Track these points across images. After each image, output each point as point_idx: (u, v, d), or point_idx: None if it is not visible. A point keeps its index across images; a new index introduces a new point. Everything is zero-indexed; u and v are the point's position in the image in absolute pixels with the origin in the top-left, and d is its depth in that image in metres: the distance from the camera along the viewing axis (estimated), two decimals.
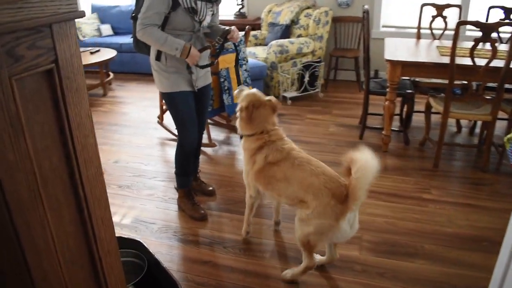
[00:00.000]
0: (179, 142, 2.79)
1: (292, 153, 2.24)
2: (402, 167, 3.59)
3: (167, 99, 2.68)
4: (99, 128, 4.51)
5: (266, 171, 2.28)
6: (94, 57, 5.52)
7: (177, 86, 2.60)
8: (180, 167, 2.88)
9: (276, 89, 5.36)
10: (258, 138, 2.32)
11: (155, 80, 2.67)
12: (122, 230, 2.76)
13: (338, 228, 2.02)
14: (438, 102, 3.59)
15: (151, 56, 2.63)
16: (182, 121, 2.70)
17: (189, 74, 2.61)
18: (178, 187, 2.96)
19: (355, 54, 5.59)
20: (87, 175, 0.99)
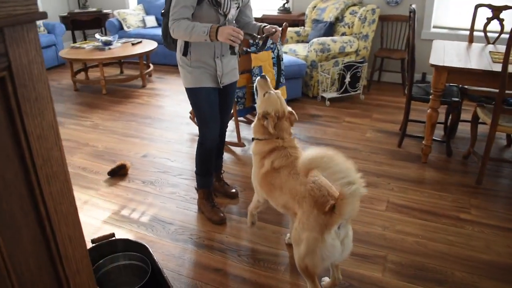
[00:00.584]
0: (200, 140, 2.71)
1: (296, 161, 2.12)
2: (441, 181, 3.33)
3: (189, 95, 2.61)
4: (132, 120, 4.52)
5: (269, 177, 2.19)
6: (135, 49, 5.55)
7: (200, 82, 2.52)
8: (201, 167, 2.80)
9: (315, 88, 5.18)
10: (271, 141, 2.24)
11: (181, 75, 2.61)
12: (138, 228, 2.72)
13: (323, 243, 1.83)
14: (486, 113, 3.30)
15: (177, 51, 2.57)
16: (203, 118, 2.62)
17: (214, 70, 2.52)
18: (198, 187, 2.87)
19: (402, 56, 5.30)
20: (50, 191, 0.91)
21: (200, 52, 2.46)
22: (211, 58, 2.50)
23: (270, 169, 2.19)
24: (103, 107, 4.95)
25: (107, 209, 2.92)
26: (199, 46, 2.44)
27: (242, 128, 4.23)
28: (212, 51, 2.48)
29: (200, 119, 2.64)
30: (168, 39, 2.60)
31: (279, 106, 2.24)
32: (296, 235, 1.95)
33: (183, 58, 2.51)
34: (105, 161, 3.60)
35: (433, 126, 3.49)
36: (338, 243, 1.86)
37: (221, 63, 2.55)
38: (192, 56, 2.47)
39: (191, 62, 2.49)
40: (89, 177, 3.35)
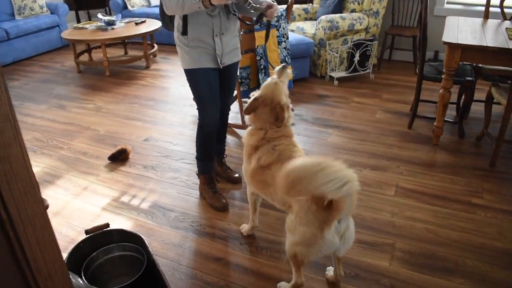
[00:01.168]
0: (199, 123, 2.61)
1: (284, 154, 2.00)
2: (453, 164, 3.20)
3: (188, 76, 2.48)
4: (135, 102, 4.43)
5: (258, 175, 2.08)
6: (139, 28, 5.42)
7: (199, 62, 2.39)
8: (201, 151, 2.71)
9: (323, 68, 5.02)
10: (255, 132, 2.13)
11: (179, 56, 2.48)
12: (138, 215, 2.64)
13: (323, 239, 1.72)
14: (501, 93, 3.14)
15: (175, 30, 2.43)
16: (201, 100, 2.51)
17: (213, 49, 2.39)
18: (199, 173, 2.79)
19: (414, 33, 5.09)
20: (10, 191, 0.81)
21: (198, 30, 2.33)
22: (209, 37, 2.36)
23: (258, 168, 2.07)
24: (106, 89, 4.86)
25: (107, 195, 2.85)
26: (198, 24, 2.31)
27: None
28: (210, 29, 2.34)
29: (199, 102, 2.54)
30: (166, 18, 2.49)
31: (271, 93, 2.08)
32: (291, 225, 1.84)
33: (181, 37, 2.37)
34: (106, 145, 3.52)
35: (445, 106, 3.34)
36: (337, 239, 1.76)
37: (221, 42, 2.40)
38: (190, 34, 2.33)
39: (188, 42, 2.35)
40: (89, 162, 3.28)
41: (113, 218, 2.62)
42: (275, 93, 2.08)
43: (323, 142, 3.52)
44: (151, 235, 2.47)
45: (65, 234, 2.47)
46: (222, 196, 2.74)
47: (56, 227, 2.52)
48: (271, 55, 3.57)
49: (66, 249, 2.32)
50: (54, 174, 3.12)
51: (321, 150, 3.39)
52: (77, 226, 2.54)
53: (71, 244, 2.36)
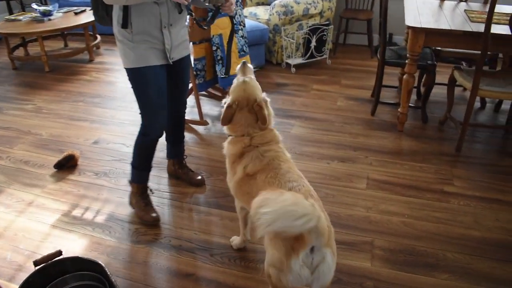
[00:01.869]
0: (143, 130, 2.30)
1: (273, 162, 1.78)
2: (420, 151, 3.13)
3: (132, 77, 2.16)
4: (79, 100, 4.06)
5: (244, 185, 1.84)
6: (79, 18, 5.00)
7: (146, 60, 2.09)
8: (139, 160, 2.41)
9: (279, 55, 4.84)
10: (238, 139, 1.89)
11: (120, 53, 2.14)
12: (94, 231, 2.37)
13: (288, 268, 1.45)
14: (465, 77, 3.09)
15: (114, 24, 2.09)
16: (148, 104, 2.21)
17: (162, 44, 2.11)
18: (133, 181, 2.48)
19: (368, 16, 5.01)
20: None
21: (143, 22, 2.02)
22: (157, 29, 2.06)
23: (243, 176, 1.83)
24: (47, 87, 4.43)
25: (56, 210, 2.54)
26: (143, 14, 2.00)
27: (204, 103, 3.88)
28: (158, 20, 2.04)
29: (145, 107, 2.23)
30: (100, 10, 2.13)
31: (243, 93, 1.85)
32: (266, 242, 1.60)
33: (123, 31, 2.04)
34: (51, 151, 3.18)
35: (409, 92, 3.26)
36: (306, 271, 1.45)
37: (169, 34, 2.12)
38: (134, 27, 2.02)
39: (133, 36, 2.04)
40: (33, 172, 2.93)
41: (65, 236, 2.33)
42: (248, 92, 1.85)
43: (287, 134, 3.36)
44: (110, 254, 2.21)
45: (10, 261, 2.16)
46: (153, 209, 2.46)
47: None
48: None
49: (14, 278, 2.05)
50: None
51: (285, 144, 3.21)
52: (24, 250, 2.23)
53: (18, 272, 2.08)
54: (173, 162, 2.77)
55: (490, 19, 2.63)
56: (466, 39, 2.89)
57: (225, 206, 2.56)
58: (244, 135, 1.87)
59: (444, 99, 3.89)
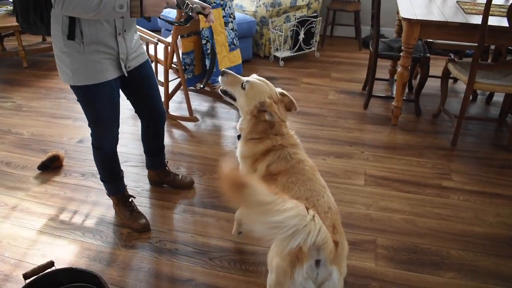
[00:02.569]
0: (97, 144, 2.13)
1: (298, 166, 1.67)
2: (416, 145, 3.09)
3: (82, 94, 1.89)
4: (61, 97, 3.88)
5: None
6: None
7: (101, 74, 1.84)
8: (105, 174, 2.25)
9: (267, 48, 4.74)
10: (266, 139, 1.75)
11: (63, 68, 1.82)
12: (84, 236, 2.24)
13: (292, 280, 1.35)
14: (459, 70, 3.05)
15: (55, 34, 1.76)
16: (101, 121, 2.02)
17: (116, 53, 1.87)
18: (108, 194, 2.35)
19: (356, 8, 4.95)
20: None
21: (97, 30, 1.75)
22: (111, 37, 1.81)
23: (265, 175, 1.71)
24: (26, 83, 4.23)
25: (42, 214, 2.40)
26: (94, 21, 1.73)
27: (193, 99, 3.75)
28: (112, 26, 1.80)
29: (96, 123, 2.03)
30: (31, 16, 1.78)
31: (270, 90, 1.75)
32: (269, 258, 1.52)
33: (69, 42, 1.73)
34: (34, 151, 3.02)
35: (404, 85, 3.21)
36: (311, 284, 1.35)
37: (124, 41, 1.88)
38: (86, 37, 1.73)
39: (83, 47, 1.75)
40: (15, 174, 2.77)
41: (54, 243, 2.20)
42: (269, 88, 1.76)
43: None
44: (102, 260, 2.09)
45: None
46: (141, 214, 2.33)
47: None
48: (218, 38, 3.22)
49: None
50: None
51: None
52: (10, 258, 2.09)
53: (5, 282, 1.95)
54: (157, 173, 2.58)
55: (487, 11, 2.58)
56: (462, 31, 2.85)
57: (221, 206, 2.46)
58: (277, 134, 1.75)
59: (435, 91, 3.87)
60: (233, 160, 1.91)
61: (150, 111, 2.25)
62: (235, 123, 3.39)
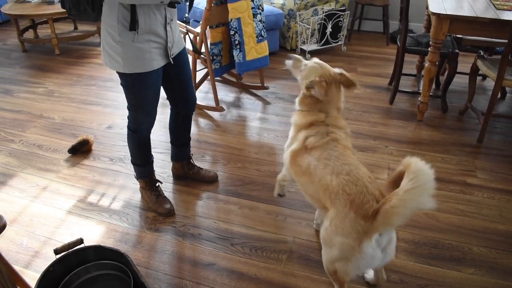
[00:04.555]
0: (133, 127, 2.20)
1: (331, 143, 1.74)
2: (441, 142, 3.06)
3: (130, 81, 1.96)
4: (92, 84, 3.99)
5: (299, 155, 1.81)
6: None
7: (149, 64, 1.92)
8: (138, 156, 2.32)
9: (294, 40, 4.75)
10: (311, 113, 1.85)
11: (114, 57, 1.87)
12: (110, 218, 2.32)
13: (361, 253, 1.49)
14: (489, 67, 3.00)
15: (109, 23, 1.80)
16: (143, 108, 2.10)
17: (165, 42, 1.95)
18: (137, 177, 2.42)
19: (385, 2, 4.90)
20: None
21: (151, 19, 1.83)
22: (161, 26, 1.90)
23: (301, 147, 1.79)
24: (57, 70, 4.37)
25: (71, 195, 2.50)
26: (149, 12, 1.81)
27: (220, 89, 3.80)
28: (163, 16, 1.88)
29: (138, 107, 2.10)
30: (82, 4, 1.82)
31: (322, 71, 1.85)
32: (326, 236, 1.61)
33: (125, 32, 1.80)
34: (64, 135, 3.12)
35: (431, 81, 3.18)
36: (378, 252, 1.50)
37: (171, 30, 1.97)
38: (140, 27, 1.81)
39: (137, 36, 1.83)
40: (46, 156, 2.88)
41: (81, 223, 2.28)
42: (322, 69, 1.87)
43: None
44: (128, 241, 2.16)
45: (26, 246, 2.12)
46: (167, 200, 2.39)
47: (15, 238, 2.17)
48: (246, 29, 3.25)
49: (30, 264, 2.01)
50: (5, 173, 2.71)
51: None
52: (40, 236, 2.19)
53: (35, 258, 2.04)
54: (181, 165, 2.61)
55: None
56: (492, 27, 2.80)
57: (244, 194, 2.51)
58: (322, 111, 1.83)
59: (462, 88, 3.82)
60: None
61: (183, 97, 2.30)
62: (260, 113, 3.44)
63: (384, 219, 1.41)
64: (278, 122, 3.31)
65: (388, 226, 1.45)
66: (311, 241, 2.17)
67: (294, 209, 2.39)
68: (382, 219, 1.42)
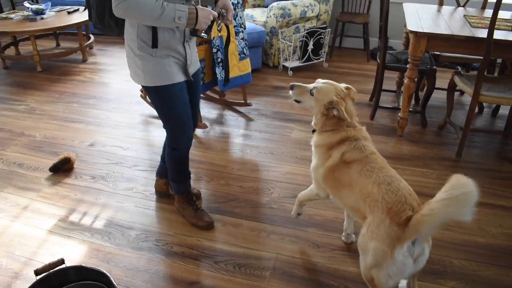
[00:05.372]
0: (173, 145, 2.23)
1: (371, 157, 1.82)
2: (421, 156, 3.12)
3: (156, 94, 2.02)
4: (74, 102, 3.97)
5: (337, 171, 1.86)
6: (72, 18, 4.91)
7: (169, 77, 1.96)
8: (177, 174, 2.36)
9: (276, 57, 4.81)
10: (340, 130, 1.90)
11: (137, 69, 1.96)
12: (93, 237, 2.30)
13: (392, 259, 1.55)
14: (466, 82, 3.09)
15: (130, 38, 1.90)
16: (175, 120, 2.12)
17: (184, 59, 2.00)
18: (175, 193, 2.44)
19: (365, 20, 5.01)
20: None
21: (168, 36, 1.89)
22: (180, 44, 1.95)
23: (339, 162, 1.85)
24: (39, 87, 4.34)
25: (53, 215, 2.47)
26: (167, 28, 1.88)
27: (203, 106, 3.83)
28: (182, 34, 1.94)
29: (173, 123, 2.14)
30: (107, 19, 1.95)
31: (335, 90, 1.90)
32: (363, 242, 1.68)
33: (144, 46, 1.88)
34: (46, 153, 3.10)
35: (410, 97, 3.25)
36: (410, 261, 1.56)
37: (189, 48, 2.03)
38: (160, 43, 1.88)
39: (156, 51, 1.89)
40: (27, 175, 2.85)
41: (63, 243, 2.26)
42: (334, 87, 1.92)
43: (287, 138, 3.32)
44: (111, 260, 2.14)
45: (6, 268, 2.08)
46: (205, 213, 2.42)
47: None
48: (228, 48, 3.29)
49: (10, 286, 1.98)
50: None
51: (285, 148, 3.18)
52: (20, 256, 2.16)
53: (15, 279, 2.01)
54: (165, 182, 2.59)
55: (493, 25, 2.63)
56: (468, 44, 2.89)
57: (227, 211, 2.51)
58: (349, 126, 1.89)
59: (441, 103, 3.91)
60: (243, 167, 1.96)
61: (195, 114, 2.33)
62: (243, 130, 3.46)
63: (414, 226, 1.49)
64: (261, 138, 3.34)
65: (418, 234, 1.51)
66: (295, 257, 2.18)
67: (277, 226, 2.40)
68: (413, 227, 1.49)
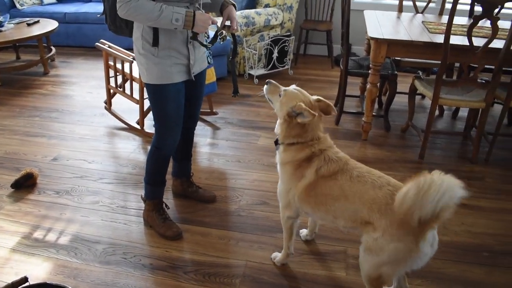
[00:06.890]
0: (157, 144, 2.23)
1: (350, 163, 1.83)
2: (385, 159, 3.20)
3: (153, 92, 2.09)
4: (35, 115, 3.87)
5: (318, 187, 1.82)
6: (32, 30, 4.79)
7: (170, 76, 2.03)
8: (154, 176, 2.34)
9: (241, 66, 4.84)
10: (304, 146, 1.86)
11: (141, 68, 2.06)
12: (58, 254, 2.24)
13: (418, 253, 1.59)
14: (425, 86, 3.19)
15: (137, 37, 2.00)
16: (166, 121, 2.15)
17: (187, 59, 2.04)
18: (147, 198, 2.40)
19: (328, 27, 5.11)
20: None
21: (171, 37, 1.96)
22: (183, 44, 2.00)
23: (317, 179, 1.82)
24: None
25: (15, 232, 2.39)
26: (169, 30, 1.93)
27: None
28: (185, 35, 1.99)
29: (162, 122, 2.17)
30: (118, 21, 2.09)
31: (303, 97, 1.87)
32: (376, 245, 1.65)
33: (147, 46, 1.97)
34: (7, 169, 3.00)
35: (373, 102, 3.33)
36: (430, 249, 1.63)
37: (194, 49, 2.07)
38: (161, 43, 1.95)
39: (158, 51, 1.97)
40: None
41: (27, 261, 2.19)
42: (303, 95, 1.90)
43: (254, 146, 3.34)
44: (77, 276, 2.09)
45: None
46: (173, 223, 2.40)
47: None
48: None
49: None
50: None
51: (252, 155, 3.20)
52: None
53: None
54: (181, 182, 2.66)
55: (449, 31, 2.73)
56: (427, 49, 2.99)
57: (196, 221, 2.50)
58: (313, 139, 1.86)
59: (403, 107, 4.02)
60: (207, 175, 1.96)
61: (193, 115, 2.41)
62: (210, 139, 3.46)
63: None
64: (228, 147, 3.34)
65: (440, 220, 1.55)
66: (264, 264, 2.19)
67: (246, 233, 2.41)
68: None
